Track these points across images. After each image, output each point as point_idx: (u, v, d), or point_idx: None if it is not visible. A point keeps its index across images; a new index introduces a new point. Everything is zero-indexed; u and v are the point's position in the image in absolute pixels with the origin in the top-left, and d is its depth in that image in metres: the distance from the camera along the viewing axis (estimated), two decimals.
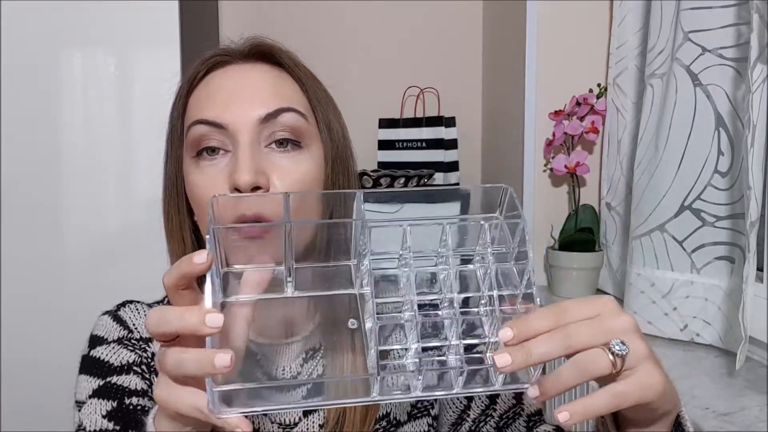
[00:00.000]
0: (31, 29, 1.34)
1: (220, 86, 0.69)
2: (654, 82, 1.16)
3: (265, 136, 0.67)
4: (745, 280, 0.89)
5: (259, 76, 0.69)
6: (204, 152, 0.67)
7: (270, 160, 0.66)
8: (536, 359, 0.46)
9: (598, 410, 0.48)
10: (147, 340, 0.73)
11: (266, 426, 0.71)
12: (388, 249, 0.53)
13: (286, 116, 0.67)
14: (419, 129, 1.83)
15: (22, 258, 1.37)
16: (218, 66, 0.71)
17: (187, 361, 0.45)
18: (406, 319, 0.52)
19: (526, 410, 0.78)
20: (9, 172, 1.36)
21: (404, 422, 0.75)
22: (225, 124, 0.66)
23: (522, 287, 0.52)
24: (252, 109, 0.66)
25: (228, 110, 0.66)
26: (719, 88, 1.03)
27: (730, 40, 1.01)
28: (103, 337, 0.72)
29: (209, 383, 0.43)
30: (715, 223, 1.05)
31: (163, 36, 1.36)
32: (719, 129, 1.03)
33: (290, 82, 0.71)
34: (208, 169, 0.67)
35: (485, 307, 0.53)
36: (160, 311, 0.46)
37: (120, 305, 0.76)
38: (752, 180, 0.89)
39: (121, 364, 0.70)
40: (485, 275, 0.54)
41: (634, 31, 1.31)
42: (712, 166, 1.04)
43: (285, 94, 0.69)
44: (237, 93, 0.67)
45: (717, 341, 1.06)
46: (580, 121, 1.41)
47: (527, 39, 1.49)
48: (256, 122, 0.66)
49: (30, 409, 1.33)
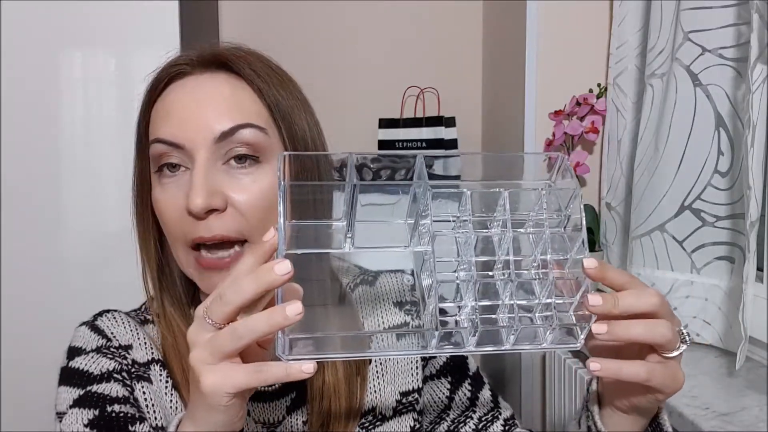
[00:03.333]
0: (31, 29, 1.34)
1: (176, 103, 0.68)
2: (654, 82, 1.16)
3: (222, 154, 0.66)
4: (745, 280, 0.89)
5: (217, 89, 0.67)
6: (165, 168, 0.67)
7: (228, 178, 0.66)
8: (621, 309, 0.53)
9: (626, 375, 0.54)
10: (126, 348, 0.72)
11: (250, 426, 0.71)
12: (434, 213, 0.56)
13: (244, 132, 0.66)
14: (419, 129, 1.83)
15: (22, 258, 1.36)
16: (177, 77, 0.69)
17: (258, 322, 0.48)
18: (462, 279, 0.55)
19: (502, 414, 0.80)
20: (9, 172, 1.35)
21: (390, 417, 0.75)
22: (181, 144, 0.65)
23: (573, 253, 0.55)
24: (207, 128, 0.65)
25: (184, 129, 0.65)
26: (719, 88, 1.03)
27: (730, 40, 1.01)
28: (82, 348, 0.71)
29: (279, 332, 0.49)
30: (715, 223, 1.05)
31: (163, 36, 1.36)
32: (719, 129, 1.03)
33: (249, 93, 0.68)
34: (169, 185, 0.67)
35: (536, 270, 0.56)
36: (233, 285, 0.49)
37: (97, 315, 0.75)
38: (752, 180, 0.89)
39: (101, 372, 0.69)
40: (538, 240, 0.56)
41: (634, 31, 1.31)
42: (712, 166, 1.04)
43: (243, 108, 0.67)
44: (193, 109, 0.66)
45: (717, 341, 1.06)
46: (580, 121, 1.41)
47: (527, 39, 1.49)
48: (212, 141, 0.65)
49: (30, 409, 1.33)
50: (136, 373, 0.70)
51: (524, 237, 0.57)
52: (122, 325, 0.73)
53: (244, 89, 0.68)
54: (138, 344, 0.72)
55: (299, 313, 0.47)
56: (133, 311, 0.78)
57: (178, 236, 0.67)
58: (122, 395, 0.68)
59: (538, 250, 0.56)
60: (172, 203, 0.66)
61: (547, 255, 0.55)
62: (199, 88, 0.68)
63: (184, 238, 0.66)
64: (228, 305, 0.49)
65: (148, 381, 0.70)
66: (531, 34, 1.48)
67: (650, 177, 1.13)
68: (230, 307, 0.49)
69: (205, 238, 0.64)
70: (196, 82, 0.68)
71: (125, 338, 0.72)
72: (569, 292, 0.55)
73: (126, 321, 0.74)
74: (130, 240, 0.76)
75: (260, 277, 0.48)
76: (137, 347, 0.72)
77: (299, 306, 0.47)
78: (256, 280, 0.49)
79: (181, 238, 0.67)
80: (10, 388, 1.36)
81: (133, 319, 0.75)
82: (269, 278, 0.48)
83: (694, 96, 1.05)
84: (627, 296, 0.54)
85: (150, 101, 0.70)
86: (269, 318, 0.48)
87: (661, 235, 1.12)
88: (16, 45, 1.34)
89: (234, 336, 0.49)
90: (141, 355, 0.71)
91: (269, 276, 0.48)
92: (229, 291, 0.49)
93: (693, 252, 1.08)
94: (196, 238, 0.65)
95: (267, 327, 0.48)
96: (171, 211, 0.66)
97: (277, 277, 0.48)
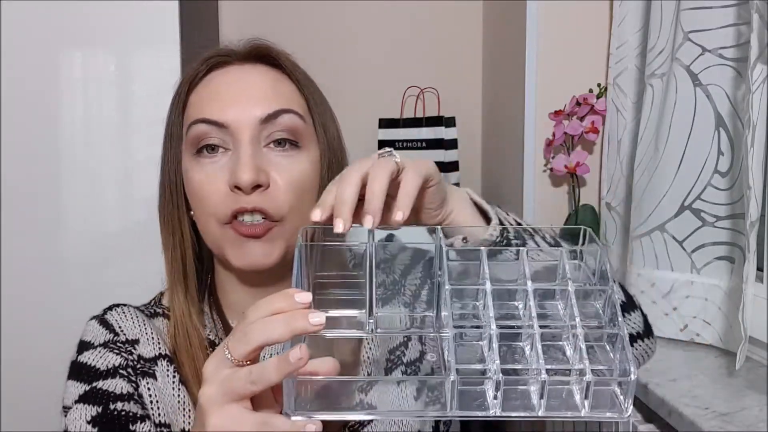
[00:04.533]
0: (31, 29, 1.34)
1: (221, 86, 0.70)
2: (654, 82, 1.16)
3: (265, 136, 0.69)
4: (745, 280, 0.89)
5: (259, 77, 0.71)
6: (204, 150, 0.69)
7: (269, 159, 0.68)
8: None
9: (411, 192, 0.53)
10: (133, 343, 0.72)
11: None
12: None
13: (286, 117, 0.69)
14: (419, 129, 1.83)
15: (22, 258, 1.36)
16: (218, 66, 0.72)
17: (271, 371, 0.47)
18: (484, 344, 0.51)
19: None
20: (9, 172, 1.35)
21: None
22: (226, 124, 0.67)
23: (606, 320, 0.51)
24: (253, 110, 0.68)
25: (229, 110, 0.68)
26: (719, 88, 1.03)
27: (730, 40, 1.01)
28: (90, 342, 0.73)
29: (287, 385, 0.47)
30: (715, 223, 1.05)
31: (163, 36, 1.36)
32: (719, 129, 1.03)
33: (289, 84, 0.72)
34: (209, 166, 0.69)
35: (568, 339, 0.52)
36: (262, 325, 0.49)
37: (107, 309, 0.76)
38: (752, 180, 0.89)
39: (107, 368, 0.70)
40: (566, 308, 0.53)
41: (634, 31, 1.31)
42: (712, 166, 1.04)
43: (284, 96, 0.70)
44: (238, 93, 0.69)
45: (717, 341, 1.06)
46: (580, 121, 1.41)
47: (527, 39, 1.49)
48: (257, 122, 0.68)
49: (30, 409, 1.33)
50: (142, 369, 0.71)
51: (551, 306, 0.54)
52: (131, 320, 0.74)
53: (284, 80, 0.72)
54: (145, 339, 0.73)
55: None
56: (143, 305, 0.79)
57: (215, 213, 0.68)
58: (126, 392, 0.68)
59: (566, 317, 0.53)
60: (212, 182, 0.68)
61: (576, 322, 0.51)
62: (244, 74, 0.71)
63: (223, 213, 0.67)
64: (251, 344, 0.49)
65: (153, 377, 0.71)
66: (531, 34, 1.48)
67: (650, 177, 1.13)
68: (253, 346, 0.49)
69: (247, 209, 0.66)
70: (239, 70, 0.71)
71: (133, 332, 0.73)
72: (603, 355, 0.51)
73: (135, 315, 0.75)
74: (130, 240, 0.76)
75: (292, 322, 0.48)
76: (144, 342, 0.73)
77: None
78: (288, 325, 0.48)
79: (219, 214, 0.68)
80: (10, 388, 1.36)
81: (143, 313, 0.76)
82: (301, 325, 0.47)
83: (694, 96, 1.05)
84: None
85: (189, 89, 0.72)
86: (280, 368, 0.47)
87: (661, 235, 1.12)
88: (16, 45, 1.34)
89: (248, 379, 0.48)
90: (148, 350, 0.72)
91: (302, 323, 0.47)
92: (256, 330, 0.49)
93: (693, 252, 1.08)
94: (238, 209, 0.66)
95: (279, 377, 0.47)
96: (212, 190, 0.68)
97: (309, 326, 0.47)
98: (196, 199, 0.70)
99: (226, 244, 0.69)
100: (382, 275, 0.71)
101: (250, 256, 0.68)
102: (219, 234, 0.69)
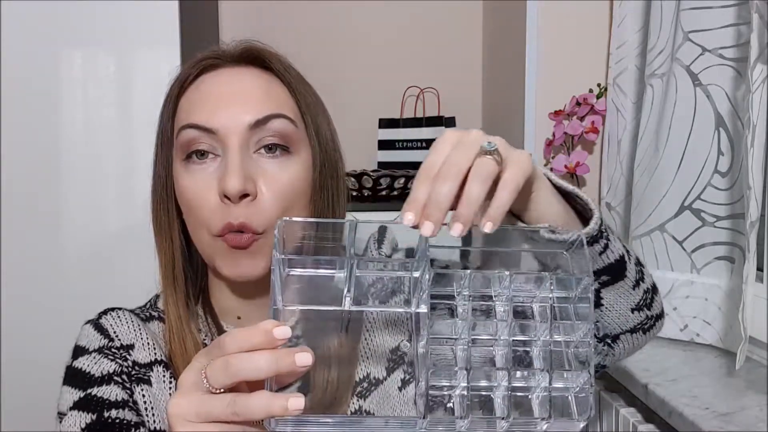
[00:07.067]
0: (31, 29, 1.34)
1: (211, 90, 0.69)
2: (654, 82, 1.16)
3: (254, 142, 0.67)
4: (745, 280, 0.89)
5: (250, 80, 0.69)
6: (193, 155, 0.68)
7: (258, 166, 0.67)
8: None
9: (506, 203, 0.51)
10: (128, 348, 0.72)
11: None
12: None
13: (276, 122, 0.68)
14: (419, 129, 1.83)
15: (22, 258, 1.36)
16: (209, 69, 0.71)
17: (258, 408, 0.46)
18: (459, 357, 0.52)
19: None
20: (9, 172, 1.35)
21: (383, 379, 0.73)
22: (215, 129, 0.66)
23: (577, 336, 0.52)
24: (242, 115, 0.66)
25: (218, 115, 0.66)
26: (719, 88, 1.03)
27: (730, 40, 1.01)
28: (85, 347, 0.72)
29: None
30: (715, 223, 1.05)
31: (163, 36, 1.36)
32: (719, 129, 1.03)
33: (280, 87, 0.71)
34: (198, 173, 0.68)
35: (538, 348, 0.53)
36: (246, 359, 0.47)
37: (102, 313, 0.76)
38: (752, 180, 0.89)
39: (102, 374, 0.69)
40: (542, 321, 0.54)
41: (634, 31, 1.31)
42: (712, 166, 1.04)
43: (275, 100, 0.69)
44: (227, 98, 0.68)
45: (717, 341, 1.06)
46: (580, 121, 1.41)
47: (527, 39, 1.49)
48: (246, 128, 0.66)
49: (30, 409, 1.33)
50: (137, 375, 0.70)
51: (529, 313, 0.55)
52: (126, 324, 0.73)
53: (275, 83, 0.71)
54: (141, 344, 0.72)
55: (299, 409, 0.46)
56: (138, 308, 0.78)
57: (205, 223, 0.67)
58: (121, 399, 0.68)
59: (540, 332, 0.53)
60: (201, 190, 0.67)
61: (549, 337, 0.53)
62: (234, 78, 0.69)
63: (214, 224, 0.66)
64: (233, 378, 0.47)
65: (148, 383, 0.70)
66: (531, 34, 1.48)
67: (650, 177, 1.13)
68: (235, 381, 0.47)
69: (234, 226, 0.65)
70: (229, 73, 0.70)
71: (128, 338, 0.72)
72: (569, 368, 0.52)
73: (130, 320, 0.74)
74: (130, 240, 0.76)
75: (279, 361, 0.47)
76: (139, 347, 0.72)
77: (301, 401, 0.46)
78: (274, 364, 0.46)
79: (208, 225, 0.67)
80: (10, 388, 1.36)
81: (138, 317, 0.76)
82: (287, 364, 0.46)
83: (694, 96, 1.05)
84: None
85: (179, 91, 0.71)
86: (269, 407, 0.46)
87: (661, 235, 1.12)
88: (17, 45, 1.34)
89: (230, 409, 0.47)
90: (143, 356, 0.72)
91: (287, 363, 0.46)
92: (239, 365, 0.47)
93: (693, 252, 1.08)
94: (225, 225, 0.65)
95: (264, 416, 0.46)
96: (200, 197, 0.67)
97: (295, 367, 0.46)
98: (187, 208, 0.69)
99: (216, 255, 0.68)
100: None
101: (239, 267, 0.67)
102: (210, 245, 0.68)
